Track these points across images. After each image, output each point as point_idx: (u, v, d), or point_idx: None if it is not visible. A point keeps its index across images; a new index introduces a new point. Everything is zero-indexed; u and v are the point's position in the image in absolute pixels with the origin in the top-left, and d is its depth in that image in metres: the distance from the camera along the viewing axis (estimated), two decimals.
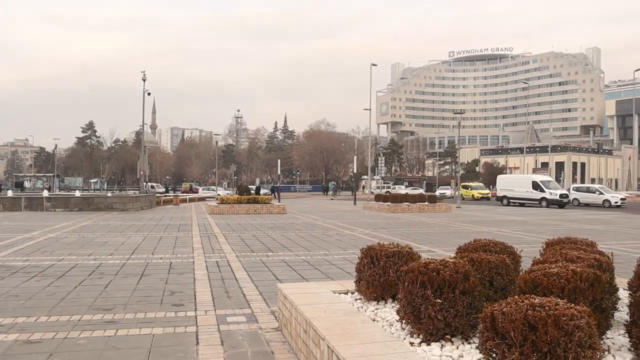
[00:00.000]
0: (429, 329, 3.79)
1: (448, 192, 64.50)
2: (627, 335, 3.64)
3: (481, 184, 68.56)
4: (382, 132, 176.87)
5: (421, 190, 60.81)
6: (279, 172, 51.54)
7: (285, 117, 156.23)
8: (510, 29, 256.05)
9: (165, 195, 52.21)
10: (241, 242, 14.70)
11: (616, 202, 41.72)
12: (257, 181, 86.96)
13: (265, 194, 40.06)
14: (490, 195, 58.04)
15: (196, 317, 6.29)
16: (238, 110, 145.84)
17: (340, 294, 5.59)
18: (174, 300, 7.26)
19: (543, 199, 40.70)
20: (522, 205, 41.88)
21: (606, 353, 3.58)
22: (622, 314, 4.27)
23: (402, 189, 63.36)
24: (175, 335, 5.59)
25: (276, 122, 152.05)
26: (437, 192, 59.60)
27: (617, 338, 3.93)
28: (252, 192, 36.10)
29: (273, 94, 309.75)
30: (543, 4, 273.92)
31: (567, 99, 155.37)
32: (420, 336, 3.90)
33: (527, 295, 3.06)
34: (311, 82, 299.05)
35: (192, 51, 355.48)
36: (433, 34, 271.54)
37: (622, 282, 4.96)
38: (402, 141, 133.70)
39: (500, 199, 45.06)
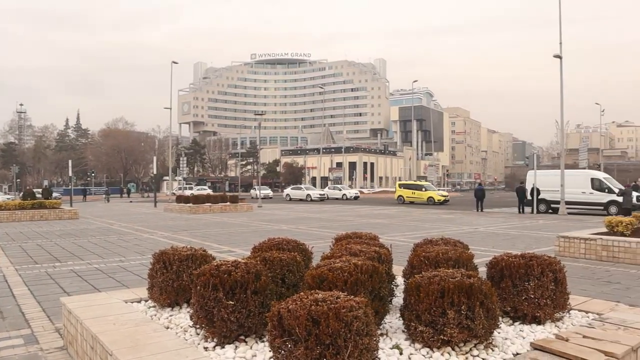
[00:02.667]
0: (223, 331, 3.76)
1: (269, 192, 61.73)
2: (401, 318, 4.02)
3: (428, 183, 52.06)
4: (184, 132, 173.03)
5: (209, 191, 60.39)
6: (70, 174, 47.25)
7: (78, 114, 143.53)
8: (309, 36, 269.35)
9: None
10: (22, 252, 13.11)
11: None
12: (45, 183, 78.51)
13: (56, 198, 36.42)
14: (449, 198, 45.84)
15: None
16: (21, 105, 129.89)
17: (132, 302, 5.28)
18: None
19: (612, 203, 27.90)
20: (578, 213, 28.98)
21: (384, 337, 3.92)
22: (400, 299, 4.71)
23: (205, 190, 62.53)
24: None
25: (67, 119, 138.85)
26: (261, 193, 58.25)
27: (394, 322, 4.33)
28: (39, 196, 32.56)
29: (63, 87, 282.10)
30: (339, 15, 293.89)
31: (358, 104, 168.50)
32: (215, 340, 3.85)
33: (312, 291, 3.19)
34: (107, 78, 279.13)
35: None
36: (236, 34, 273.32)
37: (400, 270, 5.49)
38: (204, 141, 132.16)
39: (527, 203, 29.83)
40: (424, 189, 44.31)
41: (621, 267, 10.49)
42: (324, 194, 55.22)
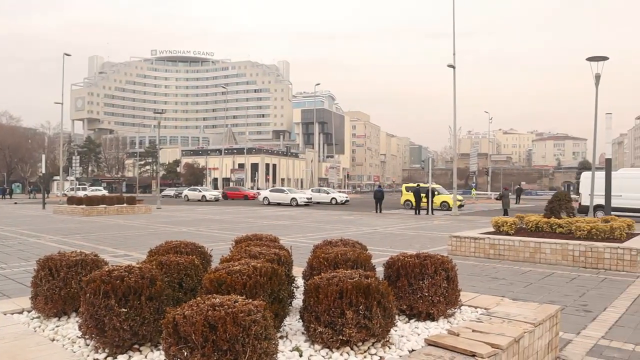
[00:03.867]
0: (115, 341, 3.56)
1: (211, 193, 56.27)
2: (301, 320, 4.03)
3: (439, 185, 43.26)
4: (78, 129, 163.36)
5: (104, 192, 57.72)
6: None
7: None
8: (214, 35, 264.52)
9: None
10: None
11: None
12: None
13: None
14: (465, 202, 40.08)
15: None
16: None
17: (13, 314, 4.85)
18: None
19: None
20: None
21: (284, 339, 3.90)
22: (300, 301, 4.71)
23: (100, 191, 59.39)
24: None
25: None
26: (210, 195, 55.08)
27: (294, 324, 4.33)
28: None
29: None
30: (244, 16, 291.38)
31: (261, 105, 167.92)
32: (106, 350, 3.64)
33: (209, 296, 3.11)
34: None
35: None
36: (135, 29, 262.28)
37: (300, 272, 5.50)
38: (100, 139, 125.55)
39: (583, 210, 24.63)
40: (437, 193, 36.66)
41: (506, 264, 11.24)
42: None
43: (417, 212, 30.68)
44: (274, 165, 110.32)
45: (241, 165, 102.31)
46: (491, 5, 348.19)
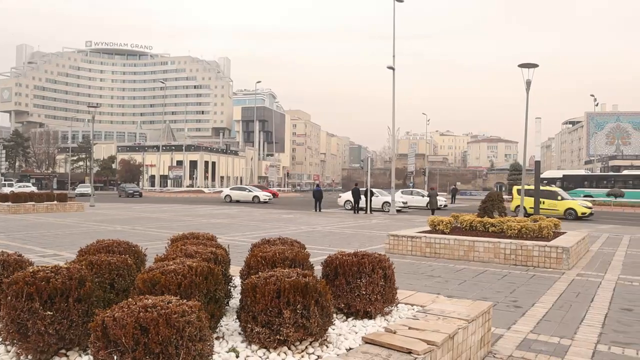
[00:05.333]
0: (39, 346, 3.37)
1: (265, 194, 46.87)
2: (238, 320, 3.96)
3: (558, 189, 34.67)
4: (4, 122, 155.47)
5: (33, 188, 55.21)
6: None
7: None
8: (154, 30, 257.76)
9: None
10: None
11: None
12: None
13: None
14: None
15: None
16: None
17: None
18: None
19: None
20: None
21: (220, 340, 3.82)
22: (237, 300, 4.63)
23: (28, 188, 56.64)
24: None
25: None
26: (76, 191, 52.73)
27: (231, 324, 4.25)
28: None
29: None
30: (186, 11, 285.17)
31: (201, 102, 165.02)
32: (29, 356, 3.44)
33: (142, 297, 2.99)
34: None
35: None
36: (69, 19, 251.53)
37: (238, 271, 5.41)
38: (28, 133, 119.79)
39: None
40: (559, 197, 30.76)
41: (442, 262, 11.52)
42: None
43: (356, 211, 31.03)
44: (214, 163, 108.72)
45: (179, 163, 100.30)
46: (433, 11, 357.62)
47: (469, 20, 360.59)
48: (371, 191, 30.92)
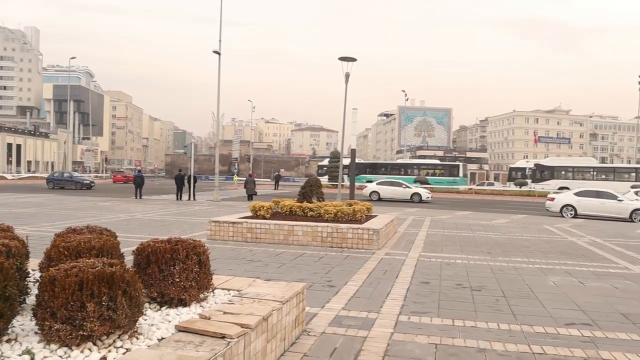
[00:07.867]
0: None
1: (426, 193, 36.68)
2: (34, 318, 3.60)
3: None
4: None
5: None
6: None
7: None
8: None
9: None
10: None
11: None
12: None
13: None
14: None
15: None
16: None
17: None
18: None
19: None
20: None
21: (12, 342, 3.44)
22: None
23: None
24: None
25: None
26: None
27: (27, 323, 3.85)
28: None
29: None
30: None
31: (2, 76, 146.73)
32: None
33: None
34: None
35: None
36: None
37: (37, 265, 4.93)
38: None
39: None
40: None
41: (263, 246, 11.74)
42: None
43: (179, 197, 30.24)
44: (19, 146, 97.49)
45: None
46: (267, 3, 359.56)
47: (302, 13, 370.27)
48: (194, 177, 30.35)
